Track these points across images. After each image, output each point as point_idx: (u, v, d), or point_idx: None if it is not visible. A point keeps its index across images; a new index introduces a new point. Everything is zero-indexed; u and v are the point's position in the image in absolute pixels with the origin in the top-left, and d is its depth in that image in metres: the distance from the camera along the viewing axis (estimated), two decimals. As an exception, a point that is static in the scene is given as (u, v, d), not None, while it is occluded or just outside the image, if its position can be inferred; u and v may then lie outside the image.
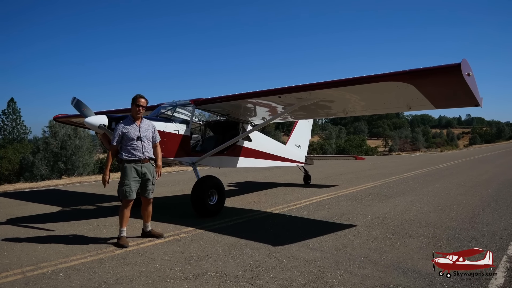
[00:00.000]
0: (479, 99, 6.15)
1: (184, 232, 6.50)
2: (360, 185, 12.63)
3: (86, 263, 4.89)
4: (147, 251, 5.41)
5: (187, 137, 8.06)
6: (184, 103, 8.60)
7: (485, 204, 9.13)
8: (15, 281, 4.33)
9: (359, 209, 8.47)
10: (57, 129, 25.76)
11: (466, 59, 5.25)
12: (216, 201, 7.78)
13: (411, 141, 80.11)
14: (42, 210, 8.72)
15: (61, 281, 4.31)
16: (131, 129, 5.81)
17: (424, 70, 5.61)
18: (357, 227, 6.83)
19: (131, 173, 5.73)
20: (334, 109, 8.32)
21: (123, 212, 5.75)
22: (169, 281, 4.33)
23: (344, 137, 68.31)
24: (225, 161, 9.31)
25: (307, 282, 4.29)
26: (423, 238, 6.11)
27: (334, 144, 49.65)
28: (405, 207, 8.71)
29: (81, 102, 6.57)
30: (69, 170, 24.89)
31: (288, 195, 10.65)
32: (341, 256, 5.20)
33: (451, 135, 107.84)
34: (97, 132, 6.54)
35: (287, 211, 8.38)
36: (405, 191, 11.41)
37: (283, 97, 7.53)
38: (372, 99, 7.33)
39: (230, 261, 4.99)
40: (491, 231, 6.53)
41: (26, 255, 5.24)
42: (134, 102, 5.94)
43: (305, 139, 13.70)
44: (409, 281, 4.31)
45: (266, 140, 11.02)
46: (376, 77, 6.08)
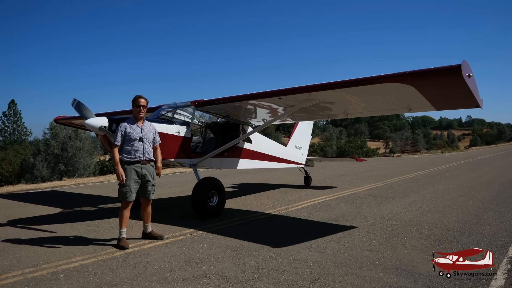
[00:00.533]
0: (479, 100, 6.14)
1: (184, 233, 6.50)
2: (360, 187, 12.62)
3: (86, 265, 4.89)
4: (148, 253, 5.41)
5: (187, 139, 8.06)
6: (185, 104, 8.60)
7: (486, 205, 9.12)
8: (15, 283, 4.33)
9: (359, 211, 8.47)
10: (57, 131, 25.84)
11: (467, 61, 5.27)
12: (217, 202, 7.78)
13: (411, 142, 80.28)
14: (42, 211, 8.73)
15: (62, 283, 4.31)
16: (133, 129, 5.82)
17: (425, 72, 5.61)
18: (357, 229, 6.82)
19: (131, 174, 5.74)
20: (335, 110, 8.31)
21: (122, 213, 5.76)
22: (170, 282, 4.32)
23: (344, 138, 68.51)
24: (225, 163, 9.32)
25: (307, 283, 4.29)
26: (424, 239, 6.10)
27: (335, 146, 49.71)
28: (405, 209, 8.70)
29: (81, 103, 6.56)
30: (69, 171, 24.94)
31: (289, 197, 10.64)
32: (341, 257, 5.19)
33: (452, 137, 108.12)
34: (98, 134, 6.54)
35: (287, 213, 8.37)
36: (405, 192, 11.40)
37: (283, 99, 7.53)
38: (373, 100, 7.32)
39: (230, 263, 4.98)
40: (491, 232, 6.51)
41: (27, 257, 5.24)
42: (134, 103, 5.97)
43: (305, 141, 13.69)
44: (409, 282, 4.30)
45: (267, 142, 11.02)
46: (376, 79, 6.08)
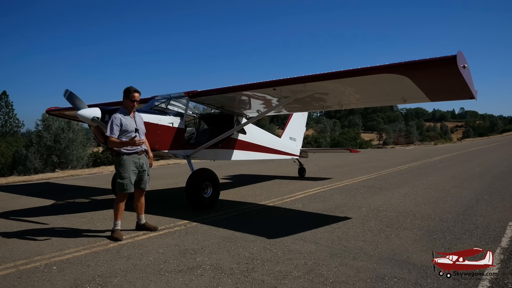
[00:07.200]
0: (474, 91, 6.14)
1: (178, 225, 6.48)
2: (354, 178, 12.66)
3: (79, 257, 4.86)
4: (141, 244, 5.38)
5: (181, 130, 8.00)
6: (178, 95, 8.53)
7: (479, 196, 9.19)
8: (8, 275, 4.29)
9: (353, 202, 8.49)
10: (50, 122, 25.54)
11: (462, 52, 5.25)
12: (211, 194, 7.76)
13: (405, 134, 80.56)
14: (35, 203, 8.65)
15: (55, 275, 4.28)
16: (128, 121, 5.75)
17: (420, 62, 5.59)
18: (351, 220, 6.84)
19: (130, 166, 5.69)
20: (329, 101, 8.29)
21: (118, 205, 5.71)
22: (164, 274, 4.31)
23: (338, 130, 68.58)
24: (219, 154, 9.28)
25: (302, 274, 4.29)
26: (418, 230, 6.14)
27: (329, 138, 49.70)
28: (399, 200, 8.75)
29: (73, 94, 6.44)
30: (62, 163, 24.74)
31: (283, 188, 10.65)
32: (336, 248, 5.20)
33: (445, 129, 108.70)
34: (90, 125, 6.43)
35: (282, 204, 8.38)
36: (399, 183, 11.46)
37: (278, 90, 7.49)
38: (367, 91, 7.31)
39: (225, 254, 4.98)
40: (484, 223, 6.57)
41: (19, 249, 5.19)
42: (128, 96, 5.83)
43: (299, 132, 13.68)
44: (403, 273, 4.32)
45: (261, 133, 10.99)
46: (371, 69, 6.05)
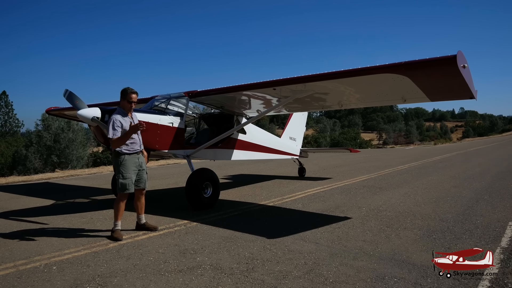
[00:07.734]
0: (474, 91, 6.13)
1: (178, 225, 6.47)
2: (354, 178, 12.66)
3: (79, 257, 4.85)
4: (141, 244, 5.38)
5: (181, 130, 8.00)
6: (178, 95, 8.52)
7: (479, 196, 9.18)
8: (8, 275, 4.29)
9: (353, 202, 8.49)
10: (50, 122, 25.54)
11: (462, 51, 5.25)
12: (211, 193, 7.75)
13: (405, 134, 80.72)
14: (35, 203, 8.65)
15: (54, 275, 4.27)
16: (127, 122, 5.75)
17: (420, 62, 5.58)
18: (352, 220, 6.84)
19: (131, 166, 5.70)
20: (329, 101, 8.28)
21: (119, 205, 5.71)
22: (164, 274, 4.30)
23: (338, 130, 68.59)
24: (219, 154, 9.28)
25: (302, 274, 4.29)
26: (418, 230, 6.14)
27: (329, 137, 49.72)
28: (399, 200, 8.74)
29: (73, 94, 6.43)
30: (62, 163, 24.74)
31: (283, 188, 10.64)
32: (336, 248, 5.20)
33: (445, 128, 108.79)
34: (90, 124, 6.44)
35: (282, 204, 8.38)
36: (399, 183, 11.45)
37: (278, 89, 7.48)
38: (367, 91, 7.30)
39: (225, 254, 4.97)
40: (484, 223, 6.56)
41: (19, 249, 5.19)
42: (125, 98, 5.80)
43: (299, 132, 13.67)
44: (403, 273, 4.32)
45: (261, 133, 10.98)
46: (371, 69, 6.05)
